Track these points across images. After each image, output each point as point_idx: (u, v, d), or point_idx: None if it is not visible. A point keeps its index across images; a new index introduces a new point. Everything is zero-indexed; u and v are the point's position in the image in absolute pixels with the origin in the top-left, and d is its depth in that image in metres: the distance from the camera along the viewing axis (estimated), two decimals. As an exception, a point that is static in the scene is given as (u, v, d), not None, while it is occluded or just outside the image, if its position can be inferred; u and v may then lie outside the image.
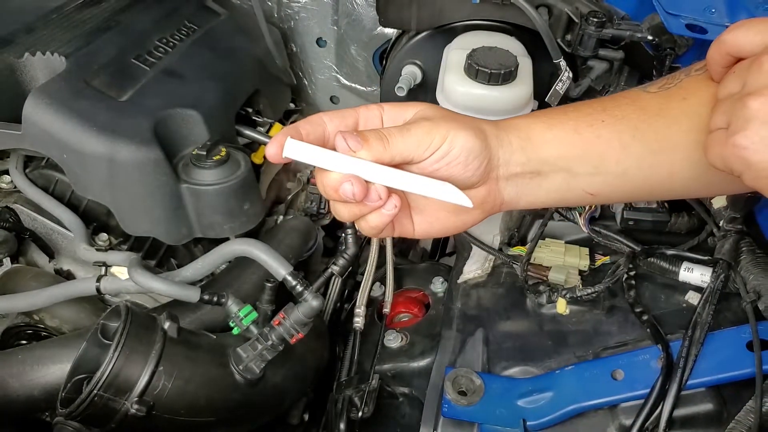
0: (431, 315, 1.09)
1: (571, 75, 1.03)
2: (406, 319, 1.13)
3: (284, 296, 0.89)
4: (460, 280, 1.08)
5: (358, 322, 1.08)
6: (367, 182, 0.52)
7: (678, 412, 0.76)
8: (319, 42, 1.47)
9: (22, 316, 0.98)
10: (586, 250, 0.99)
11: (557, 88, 1.02)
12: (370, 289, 1.13)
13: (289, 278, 0.87)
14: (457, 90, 0.95)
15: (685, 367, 0.76)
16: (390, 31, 1.34)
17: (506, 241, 1.08)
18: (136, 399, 0.76)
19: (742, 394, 0.75)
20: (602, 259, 0.99)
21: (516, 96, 0.94)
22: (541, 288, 0.95)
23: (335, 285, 1.16)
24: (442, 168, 0.55)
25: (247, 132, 1.18)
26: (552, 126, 0.59)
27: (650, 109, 0.58)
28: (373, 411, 0.94)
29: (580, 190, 0.60)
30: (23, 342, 0.98)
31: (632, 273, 0.91)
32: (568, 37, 1.04)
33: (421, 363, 0.99)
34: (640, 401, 0.77)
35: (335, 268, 1.08)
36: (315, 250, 1.28)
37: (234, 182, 1.00)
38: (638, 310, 0.86)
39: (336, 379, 1.04)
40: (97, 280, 0.93)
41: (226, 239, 1.03)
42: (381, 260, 1.17)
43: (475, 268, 1.07)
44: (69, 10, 1.12)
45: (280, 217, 1.30)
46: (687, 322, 0.80)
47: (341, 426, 0.93)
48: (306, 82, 1.54)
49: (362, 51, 1.43)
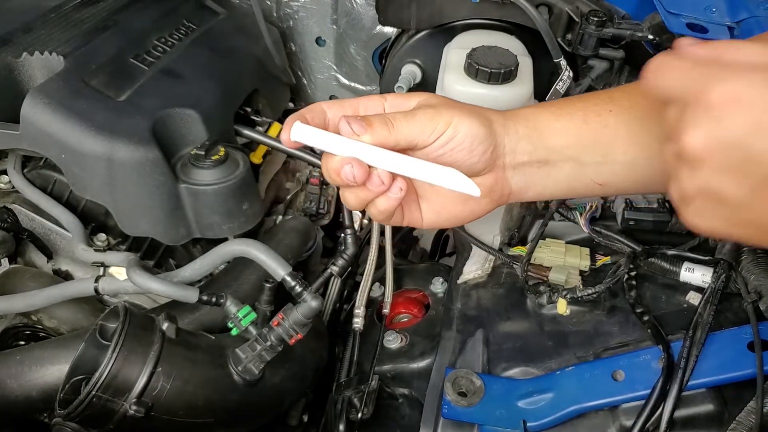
0: (431, 315, 1.09)
1: (571, 74, 1.03)
2: (405, 319, 1.12)
3: (283, 297, 0.89)
4: (460, 281, 1.07)
5: (358, 323, 1.08)
6: (369, 166, 0.53)
7: (679, 413, 0.76)
8: (319, 41, 1.47)
9: (20, 317, 0.97)
10: (586, 251, 0.99)
11: (558, 87, 1.01)
12: (370, 289, 1.13)
13: (288, 279, 0.87)
14: (457, 89, 0.94)
15: (686, 368, 0.76)
16: (389, 30, 1.34)
17: (506, 241, 1.08)
18: (134, 400, 0.76)
19: (743, 394, 0.74)
20: (603, 260, 0.98)
21: (516, 95, 0.94)
22: (542, 288, 0.95)
23: (334, 285, 1.15)
24: (447, 153, 0.55)
25: (246, 132, 1.17)
26: (559, 116, 0.59)
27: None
28: (372, 412, 0.93)
29: (589, 180, 0.59)
30: (21, 343, 0.98)
31: (633, 273, 0.91)
32: (569, 36, 1.04)
33: (421, 364, 0.99)
34: (641, 402, 0.77)
35: (334, 269, 1.09)
36: (314, 250, 1.28)
37: (233, 182, 1.00)
38: (639, 311, 0.86)
39: (335, 380, 1.03)
40: (96, 281, 0.93)
41: (225, 239, 1.03)
42: (380, 260, 1.17)
43: (475, 269, 1.07)
44: (67, 9, 1.12)
45: (279, 218, 1.30)
46: (688, 322, 0.80)
47: (340, 427, 0.93)
48: (305, 82, 1.54)
49: (362, 50, 1.43)
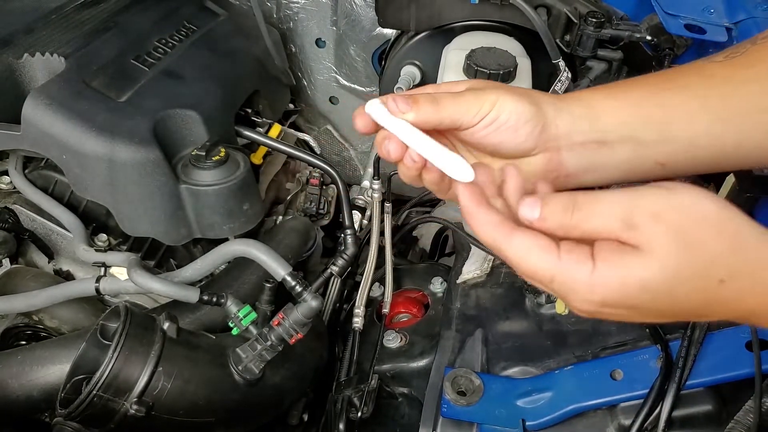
0: (430, 315, 1.09)
1: (570, 75, 1.03)
2: (405, 319, 1.13)
3: (283, 297, 0.89)
4: (459, 281, 1.08)
5: (358, 323, 1.08)
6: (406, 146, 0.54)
7: (677, 412, 0.76)
8: (318, 43, 1.47)
9: (21, 317, 0.98)
10: (585, 250, 0.99)
11: (556, 88, 1.02)
12: (370, 289, 1.13)
13: (289, 279, 0.87)
14: (456, 90, 0.95)
15: (684, 367, 0.76)
16: (389, 31, 1.34)
17: (505, 241, 1.08)
18: (135, 399, 0.76)
19: (741, 393, 0.74)
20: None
21: (515, 96, 0.94)
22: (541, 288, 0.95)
23: (334, 285, 1.15)
24: (492, 134, 0.55)
25: (247, 132, 1.18)
26: (614, 95, 0.58)
27: (717, 77, 0.57)
28: (372, 411, 0.94)
29: (651, 161, 0.58)
30: (22, 342, 0.98)
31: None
32: (567, 37, 1.04)
33: (421, 363, 0.99)
34: (640, 401, 0.77)
35: (334, 269, 1.09)
36: (314, 250, 1.28)
37: (233, 183, 1.00)
38: (637, 310, 0.86)
39: (335, 380, 1.04)
40: (97, 281, 0.93)
41: (226, 240, 1.03)
42: (380, 260, 1.17)
43: (474, 269, 1.07)
44: (68, 10, 1.13)
45: (280, 218, 1.30)
46: (686, 322, 0.80)
47: (340, 426, 0.93)
48: (305, 83, 1.54)
49: (361, 51, 1.43)
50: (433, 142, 0.53)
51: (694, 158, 0.58)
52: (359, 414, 0.93)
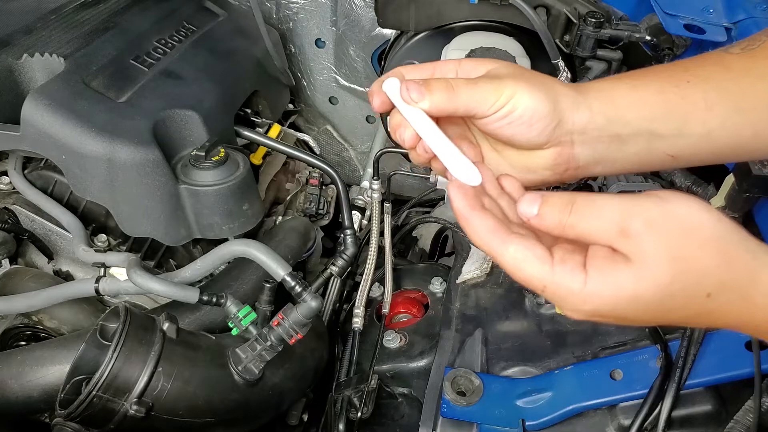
0: (430, 315, 1.09)
1: (569, 75, 1.03)
2: (405, 319, 1.13)
3: (283, 297, 0.89)
4: (458, 281, 1.08)
5: (357, 323, 1.08)
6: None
7: (677, 412, 0.76)
8: (318, 43, 1.47)
9: (21, 317, 0.98)
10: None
11: (556, 88, 1.02)
12: (369, 289, 1.13)
13: (288, 279, 0.87)
14: (456, 90, 0.95)
15: (683, 367, 0.76)
16: (388, 31, 1.34)
17: (505, 241, 1.08)
18: (135, 400, 0.76)
19: (741, 393, 0.75)
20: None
21: (514, 96, 0.94)
22: (540, 288, 0.95)
23: (334, 285, 1.15)
24: (505, 126, 0.54)
25: (246, 133, 1.18)
26: (636, 87, 0.57)
27: (736, 69, 0.57)
28: (372, 411, 0.94)
29: (662, 153, 0.58)
30: (22, 343, 0.98)
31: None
32: (567, 37, 1.04)
33: (420, 363, 0.99)
34: (639, 401, 0.77)
35: (334, 269, 1.09)
36: (314, 250, 1.28)
37: (233, 183, 1.00)
38: (637, 310, 0.86)
39: (335, 380, 1.04)
40: (96, 281, 0.93)
41: (225, 240, 1.03)
42: (380, 261, 1.17)
43: (473, 269, 1.07)
44: (67, 11, 1.12)
45: (279, 218, 1.30)
46: (685, 322, 0.80)
47: (340, 426, 0.93)
48: (305, 83, 1.54)
49: (361, 52, 1.43)
50: (444, 138, 0.53)
51: (708, 152, 0.59)
52: (359, 414, 0.93)
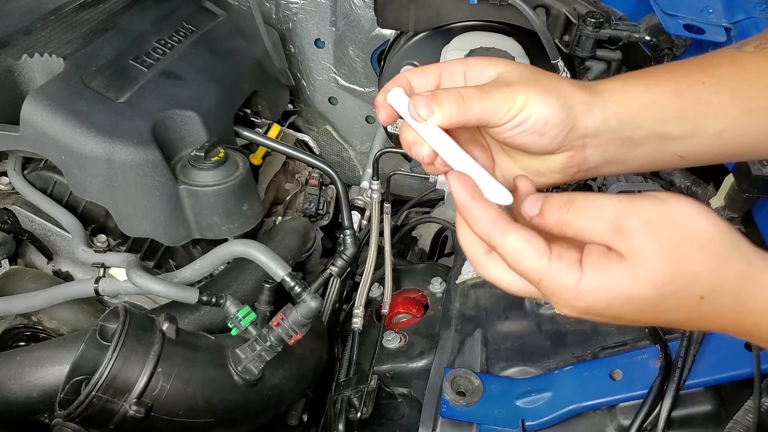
0: (430, 315, 1.09)
1: (568, 76, 1.03)
2: (404, 319, 1.13)
3: (283, 297, 0.89)
4: (458, 281, 1.08)
5: (357, 323, 1.08)
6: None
7: (677, 412, 0.76)
8: (318, 43, 1.47)
9: (20, 318, 0.98)
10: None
11: (555, 88, 1.02)
12: (369, 289, 1.13)
13: (288, 279, 0.87)
14: (455, 91, 0.95)
15: (683, 367, 0.76)
16: (388, 32, 1.34)
17: (505, 241, 1.08)
18: (134, 400, 0.76)
19: (741, 393, 0.75)
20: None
21: (514, 96, 0.94)
22: (540, 288, 0.95)
23: (334, 286, 1.15)
24: (517, 135, 0.54)
25: (246, 133, 1.18)
26: (651, 88, 0.57)
27: (749, 69, 0.57)
28: (371, 411, 0.94)
29: (672, 154, 0.58)
30: (22, 344, 0.98)
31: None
32: (566, 37, 1.04)
33: (420, 363, 0.99)
34: (639, 401, 0.77)
35: (334, 269, 1.09)
36: (313, 250, 1.28)
37: (232, 183, 1.00)
38: (637, 310, 0.86)
39: (335, 380, 1.04)
40: (96, 282, 0.93)
41: (225, 240, 1.03)
42: (380, 261, 1.17)
43: (473, 269, 1.07)
44: (67, 11, 1.12)
45: (279, 218, 1.30)
46: (684, 322, 0.80)
47: (340, 427, 0.93)
48: (304, 83, 1.54)
49: (360, 52, 1.43)
50: (461, 152, 0.52)
51: (719, 152, 0.58)
52: (359, 414, 0.93)
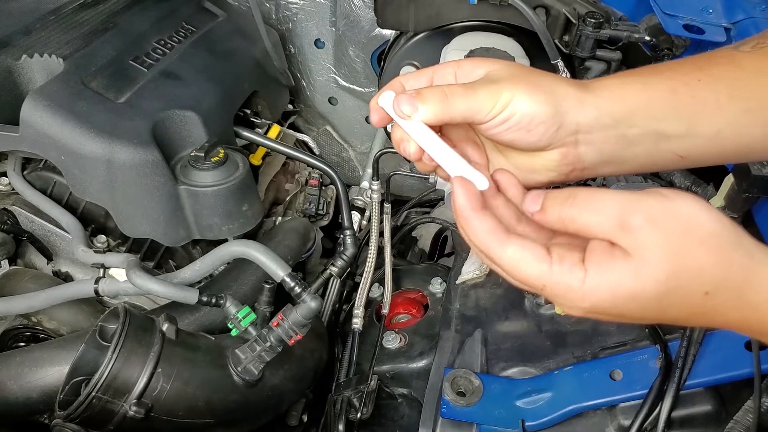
0: (430, 316, 1.09)
1: (568, 76, 1.03)
2: (404, 320, 1.13)
3: (283, 297, 0.89)
4: (458, 281, 1.08)
5: (357, 323, 1.08)
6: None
7: (677, 412, 0.76)
8: (317, 43, 1.47)
9: (20, 318, 0.98)
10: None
11: (555, 88, 1.02)
12: (369, 289, 1.13)
13: (288, 279, 0.87)
14: (455, 91, 0.95)
15: (683, 367, 0.76)
16: (388, 32, 1.34)
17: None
18: (134, 401, 0.76)
19: (741, 393, 0.75)
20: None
21: (514, 97, 0.94)
22: (540, 288, 0.95)
23: (334, 286, 1.15)
24: (503, 132, 0.53)
25: (245, 133, 1.18)
26: (647, 85, 0.56)
27: (747, 68, 0.56)
28: (371, 412, 0.94)
29: (670, 153, 0.57)
30: (21, 344, 0.98)
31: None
32: (566, 37, 1.04)
33: (420, 364, 0.99)
34: (639, 401, 0.77)
35: (334, 269, 1.09)
36: (313, 251, 1.28)
37: (232, 184, 1.00)
38: (637, 311, 0.86)
39: (335, 380, 1.04)
40: (95, 282, 0.93)
41: (225, 241, 1.03)
42: (379, 261, 1.17)
43: (473, 269, 1.07)
44: (66, 12, 1.12)
45: (279, 219, 1.30)
46: (684, 322, 0.80)
47: (340, 427, 0.93)
48: (304, 84, 1.54)
49: (360, 52, 1.43)
50: (445, 147, 0.52)
51: (718, 152, 0.58)
52: (359, 415, 0.93)
